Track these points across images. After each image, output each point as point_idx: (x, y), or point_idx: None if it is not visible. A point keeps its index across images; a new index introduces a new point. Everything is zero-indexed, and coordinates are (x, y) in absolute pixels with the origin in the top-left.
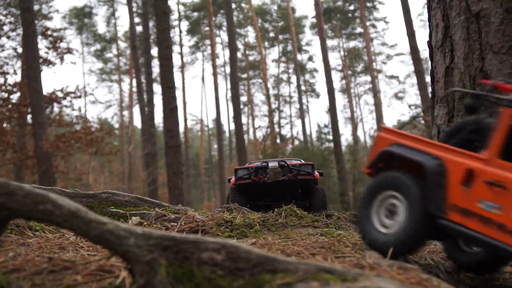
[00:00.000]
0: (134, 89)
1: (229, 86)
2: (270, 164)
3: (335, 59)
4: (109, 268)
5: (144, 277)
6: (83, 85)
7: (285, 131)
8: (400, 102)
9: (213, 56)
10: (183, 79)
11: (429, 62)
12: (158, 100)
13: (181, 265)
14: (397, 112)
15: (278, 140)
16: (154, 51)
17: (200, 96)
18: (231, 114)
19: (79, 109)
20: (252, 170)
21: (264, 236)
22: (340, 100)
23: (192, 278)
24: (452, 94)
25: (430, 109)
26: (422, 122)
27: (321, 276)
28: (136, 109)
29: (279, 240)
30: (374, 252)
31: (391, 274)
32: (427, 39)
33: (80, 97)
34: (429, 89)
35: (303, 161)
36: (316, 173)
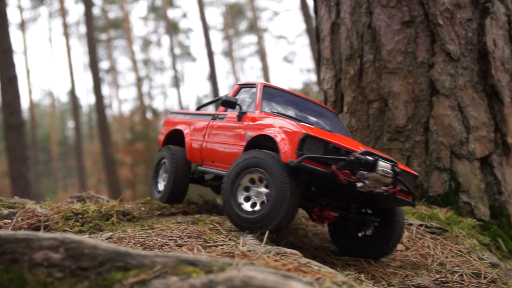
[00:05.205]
0: None
1: (85, 49)
2: (381, 164)
3: (214, 15)
4: None
5: None
6: None
7: (158, 103)
8: (290, 65)
9: (63, 12)
10: (24, 40)
11: None
12: None
13: (7, 270)
14: (287, 77)
15: (149, 115)
16: None
17: (49, 63)
18: (90, 84)
19: None
20: (348, 160)
21: (123, 228)
22: (223, 64)
23: (23, 285)
24: (339, 54)
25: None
26: (315, 88)
27: (182, 269)
28: None
29: (141, 232)
30: (250, 238)
31: (265, 261)
32: None
33: None
34: None
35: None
36: None
